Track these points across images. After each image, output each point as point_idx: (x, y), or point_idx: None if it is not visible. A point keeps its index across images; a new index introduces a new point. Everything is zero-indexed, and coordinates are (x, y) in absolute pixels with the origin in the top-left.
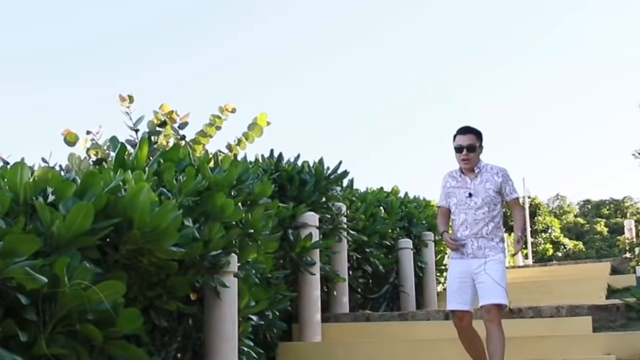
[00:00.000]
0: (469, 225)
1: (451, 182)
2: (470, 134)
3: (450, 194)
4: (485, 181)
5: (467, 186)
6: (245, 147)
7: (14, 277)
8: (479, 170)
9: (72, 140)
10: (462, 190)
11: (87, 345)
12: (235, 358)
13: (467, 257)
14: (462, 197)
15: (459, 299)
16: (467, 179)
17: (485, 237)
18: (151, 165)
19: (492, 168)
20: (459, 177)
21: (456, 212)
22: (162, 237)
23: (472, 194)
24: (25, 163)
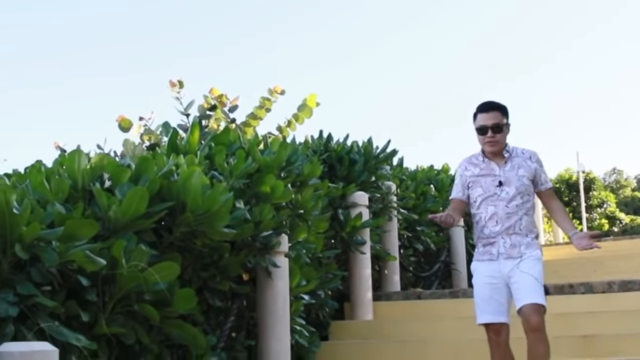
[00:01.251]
0: (500, 219)
1: (473, 170)
2: (495, 110)
3: (474, 184)
4: (517, 167)
5: (495, 173)
6: (295, 128)
7: (75, 260)
8: (508, 154)
9: (126, 126)
10: (489, 178)
11: (145, 324)
12: (287, 336)
13: (499, 258)
14: (489, 187)
15: (492, 308)
16: (494, 165)
17: (520, 234)
18: (202, 149)
19: (523, 152)
20: (482, 163)
21: (482, 205)
22: (214, 219)
23: (503, 182)
24: (82, 151)
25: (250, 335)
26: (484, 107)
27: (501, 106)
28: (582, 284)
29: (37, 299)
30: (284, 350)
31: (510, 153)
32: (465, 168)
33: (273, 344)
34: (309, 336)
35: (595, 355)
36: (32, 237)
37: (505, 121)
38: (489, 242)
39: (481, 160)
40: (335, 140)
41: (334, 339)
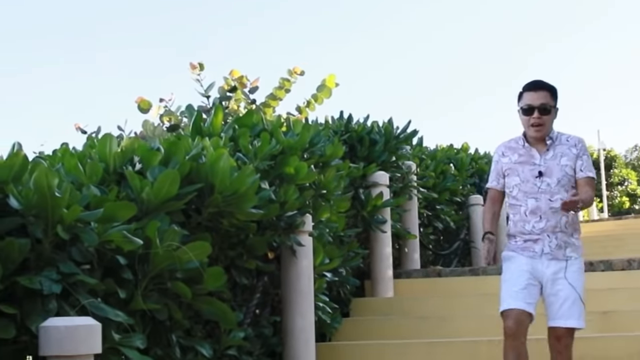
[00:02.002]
0: (544, 215)
1: (510, 156)
2: (543, 90)
3: (510, 171)
4: (560, 156)
5: (534, 161)
6: (314, 108)
7: (112, 240)
8: (551, 141)
9: (145, 107)
10: (527, 166)
11: (177, 301)
12: (311, 312)
13: (542, 258)
14: (528, 176)
15: (524, 296)
16: (534, 152)
17: (565, 232)
18: (227, 131)
19: (568, 139)
20: (521, 148)
21: (520, 197)
22: (241, 200)
23: (543, 172)
24: (112, 135)
25: (275, 312)
26: (532, 85)
27: (551, 87)
28: (602, 261)
29: (79, 277)
30: (308, 326)
31: (553, 140)
32: (502, 154)
33: (297, 320)
34: (332, 312)
35: (615, 330)
36: (72, 219)
37: (553, 103)
38: (531, 238)
39: (521, 144)
40: (355, 120)
41: (355, 316)
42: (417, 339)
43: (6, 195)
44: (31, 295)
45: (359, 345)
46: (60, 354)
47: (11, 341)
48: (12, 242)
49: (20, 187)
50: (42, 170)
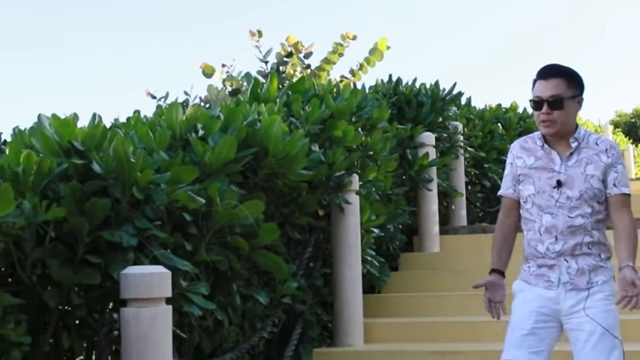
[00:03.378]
0: (561, 235)
1: (525, 158)
2: (557, 78)
3: (524, 178)
4: (586, 163)
5: (553, 168)
6: (366, 71)
7: (179, 200)
8: (576, 142)
9: (209, 72)
10: (544, 173)
11: (236, 253)
12: (359, 265)
13: (559, 288)
14: (544, 186)
15: (529, 345)
16: (554, 156)
17: (589, 254)
18: (281, 97)
19: (598, 142)
20: (539, 150)
21: (534, 211)
22: (292, 162)
23: (563, 182)
24: (178, 104)
25: (325, 264)
26: (543, 72)
27: (567, 72)
28: None
29: (151, 232)
30: (355, 278)
31: (579, 141)
32: (516, 155)
33: (346, 272)
34: (379, 266)
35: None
36: (145, 181)
37: (570, 94)
38: (545, 263)
39: (539, 145)
40: (404, 83)
41: (403, 269)
42: (459, 292)
43: (90, 162)
44: (112, 247)
45: (404, 296)
46: (138, 297)
47: (97, 287)
48: (96, 201)
49: (102, 154)
50: (120, 140)
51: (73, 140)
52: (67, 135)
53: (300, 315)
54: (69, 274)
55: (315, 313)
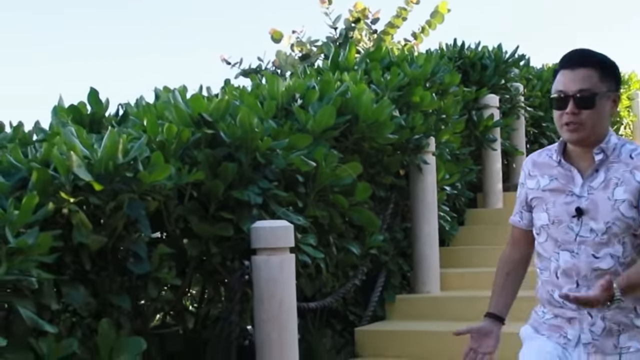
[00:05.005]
0: (583, 279)
1: (539, 178)
2: (587, 67)
3: (537, 202)
4: (615, 184)
5: (572, 190)
6: (428, 34)
7: (294, 163)
8: (602, 154)
9: (277, 37)
10: (561, 197)
11: (336, 209)
12: (435, 220)
13: (577, 348)
14: (561, 214)
15: None
16: (574, 174)
17: (621, 308)
18: (359, 64)
19: (633, 154)
20: (556, 166)
21: (549, 246)
22: (381, 127)
23: (585, 209)
24: (279, 77)
25: (404, 220)
26: (568, 60)
27: (601, 61)
28: None
29: (273, 191)
30: (432, 232)
31: (605, 153)
32: (528, 173)
33: (424, 227)
34: (450, 220)
35: None
36: (266, 147)
37: (605, 88)
38: (563, 314)
39: (556, 160)
40: (467, 46)
41: (468, 224)
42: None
43: (217, 131)
44: (240, 204)
45: (472, 249)
46: (267, 247)
47: (230, 238)
48: (227, 165)
49: (226, 123)
50: (245, 111)
51: (203, 112)
52: (197, 108)
53: (384, 265)
54: (206, 228)
55: (396, 263)
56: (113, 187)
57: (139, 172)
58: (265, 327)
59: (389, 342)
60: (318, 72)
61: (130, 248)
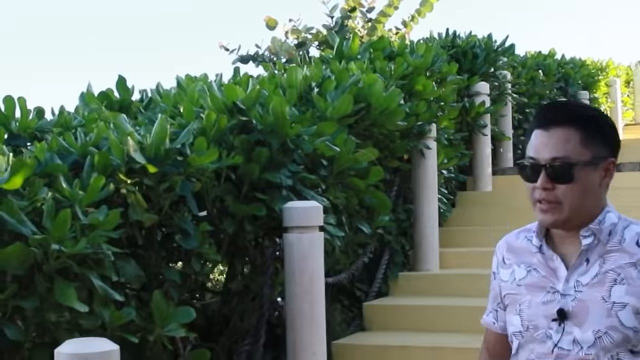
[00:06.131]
0: None
1: (515, 267)
2: (564, 128)
3: (511, 300)
4: (613, 279)
5: (554, 285)
6: (417, 22)
7: (319, 148)
8: (591, 238)
9: (272, 24)
10: (539, 295)
11: (352, 191)
12: (435, 202)
13: None
14: (537, 317)
15: None
16: (557, 262)
17: None
18: (363, 54)
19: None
20: (534, 253)
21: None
22: (392, 115)
23: (569, 312)
24: (298, 67)
25: (406, 201)
26: (542, 117)
27: (583, 117)
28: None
29: (301, 174)
30: (432, 213)
31: (597, 237)
32: (502, 260)
33: (425, 208)
34: (447, 202)
35: None
36: (295, 134)
37: (589, 155)
38: None
39: (536, 245)
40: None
41: (459, 206)
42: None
43: (250, 118)
44: (271, 186)
45: (466, 230)
46: (299, 225)
47: (262, 217)
48: (261, 150)
49: (258, 111)
50: (278, 101)
51: (236, 100)
52: (231, 96)
53: (388, 244)
54: (242, 207)
55: (399, 242)
56: (164, 170)
57: (188, 156)
58: (297, 300)
59: (394, 316)
60: (322, 60)
61: (178, 225)
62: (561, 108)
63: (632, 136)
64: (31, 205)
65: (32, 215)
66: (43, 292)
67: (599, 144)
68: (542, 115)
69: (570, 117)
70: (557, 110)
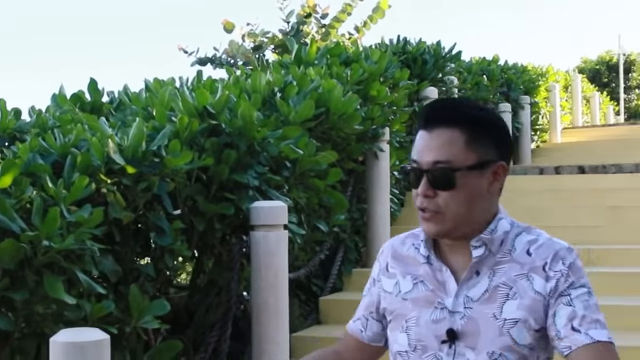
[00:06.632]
0: None
1: (400, 278)
2: (448, 128)
3: (394, 316)
4: (505, 293)
5: (443, 301)
6: (369, 28)
7: (283, 151)
8: (482, 249)
9: (229, 28)
10: (428, 311)
11: (313, 191)
12: (387, 201)
13: None
14: (426, 336)
15: None
16: (446, 275)
17: None
18: (320, 59)
19: (532, 249)
20: (422, 263)
21: None
22: (349, 119)
23: (460, 332)
24: (262, 72)
25: (360, 201)
26: (425, 116)
27: (468, 116)
28: (613, 164)
29: (267, 175)
30: (385, 212)
31: (489, 247)
32: (385, 267)
33: (378, 208)
34: (398, 201)
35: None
36: (262, 137)
37: (473, 160)
38: None
39: (423, 255)
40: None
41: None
42: None
43: (219, 122)
44: (238, 186)
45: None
46: (266, 224)
47: (230, 216)
48: (229, 152)
49: (227, 115)
50: (246, 105)
51: (207, 105)
52: (202, 101)
53: (342, 242)
54: (211, 206)
55: (353, 240)
56: (142, 170)
57: (164, 158)
58: (262, 294)
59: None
60: (281, 65)
61: (153, 223)
62: (446, 107)
63: (570, 139)
64: (18, 203)
65: (20, 212)
66: (32, 285)
67: (486, 146)
68: (426, 114)
69: (455, 117)
70: (441, 109)
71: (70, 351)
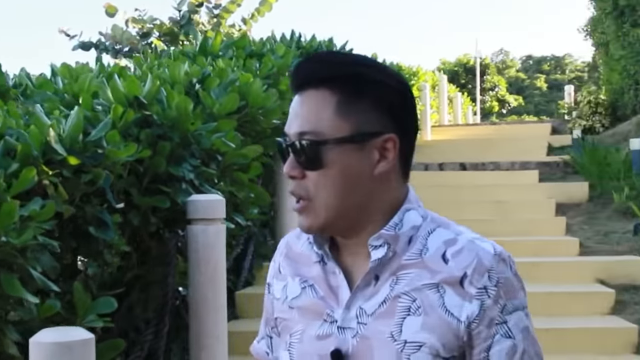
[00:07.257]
0: None
1: (290, 280)
2: (317, 89)
3: (283, 326)
4: (406, 307)
5: (332, 312)
6: (257, 20)
7: (215, 144)
8: (386, 249)
9: (112, 12)
10: (315, 324)
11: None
12: None
13: None
14: (310, 355)
15: None
16: (339, 279)
17: None
18: (225, 51)
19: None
20: (315, 262)
21: None
22: (269, 113)
23: (349, 355)
24: (182, 64)
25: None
26: (297, 76)
27: (343, 74)
28: (492, 162)
29: (201, 168)
30: None
31: (392, 247)
32: (278, 268)
33: (287, 201)
34: None
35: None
36: (194, 129)
37: (348, 131)
38: None
39: (317, 252)
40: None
41: None
42: None
43: (150, 113)
44: (172, 179)
45: None
46: (203, 217)
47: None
48: (164, 144)
49: (159, 107)
50: (182, 98)
51: (138, 95)
52: (132, 91)
53: (253, 236)
54: (146, 199)
55: (263, 234)
56: (83, 161)
57: (105, 149)
58: (201, 289)
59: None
60: (182, 54)
61: (94, 216)
62: (318, 62)
63: (437, 137)
64: None
65: None
66: None
67: (366, 112)
68: (294, 71)
69: (325, 73)
70: (312, 65)
71: (57, 352)
